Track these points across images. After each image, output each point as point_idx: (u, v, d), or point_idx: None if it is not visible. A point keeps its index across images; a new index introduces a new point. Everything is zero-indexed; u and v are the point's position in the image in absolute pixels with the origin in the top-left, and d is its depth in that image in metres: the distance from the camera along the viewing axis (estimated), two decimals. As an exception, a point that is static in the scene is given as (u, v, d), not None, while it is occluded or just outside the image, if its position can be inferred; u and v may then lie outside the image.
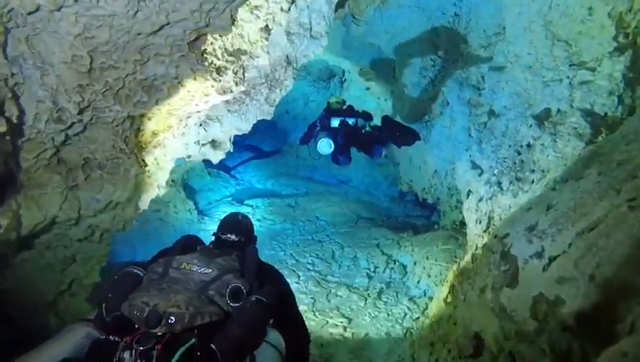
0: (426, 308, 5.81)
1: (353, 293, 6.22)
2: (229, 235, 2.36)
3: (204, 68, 3.64)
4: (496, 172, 5.07)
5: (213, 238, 2.43)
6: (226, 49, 4.05)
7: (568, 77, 4.49)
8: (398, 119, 7.56)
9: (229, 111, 5.38)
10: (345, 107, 5.51)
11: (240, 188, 12.17)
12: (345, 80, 10.34)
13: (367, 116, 5.46)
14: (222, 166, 13.39)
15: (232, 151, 5.99)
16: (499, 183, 4.99)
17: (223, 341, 1.62)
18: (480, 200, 5.07)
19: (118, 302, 1.73)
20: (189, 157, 5.51)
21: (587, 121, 4.23)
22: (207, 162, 12.79)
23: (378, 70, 8.25)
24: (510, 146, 5.22)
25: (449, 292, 4.31)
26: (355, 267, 7.05)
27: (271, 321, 1.89)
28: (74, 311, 4.53)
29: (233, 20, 3.37)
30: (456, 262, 6.17)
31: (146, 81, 3.52)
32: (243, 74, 4.33)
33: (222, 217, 2.59)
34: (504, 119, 5.61)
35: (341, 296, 6.15)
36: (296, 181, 12.28)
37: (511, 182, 4.85)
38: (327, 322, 5.59)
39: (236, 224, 2.44)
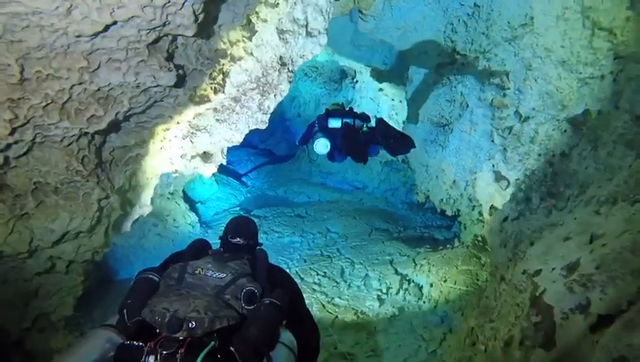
0: (444, 338, 5.13)
1: (362, 320, 5.57)
2: (237, 239, 2.38)
3: (170, 74, 3.06)
4: (524, 186, 4.36)
5: (219, 242, 2.45)
6: (199, 51, 3.47)
7: (612, 72, 3.76)
8: (418, 125, 6.92)
9: (217, 120, 4.80)
10: (346, 109, 5.30)
11: (250, 197, 11.63)
12: (357, 81, 9.69)
13: (364, 118, 5.17)
14: (232, 173, 12.93)
15: (224, 163, 5.44)
16: (527, 199, 4.28)
17: (241, 343, 1.69)
18: (505, 219, 4.37)
19: (138, 307, 1.78)
20: (175, 172, 4.97)
21: (638, 125, 3.49)
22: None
23: (391, 69, 7.59)
24: (540, 155, 4.51)
25: (467, 335, 3.64)
26: (365, 287, 6.39)
27: (284, 322, 1.96)
28: (43, 349, 4.04)
29: (197, 18, 2.79)
30: (477, 285, 5.47)
31: (99, 92, 2.97)
32: (223, 79, 3.76)
33: (228, 222, 2.58)
34: (533, 123, 4.89)
35: (347, 324, 5.51)
36: (308, 188, 11.66)
37: (542, 199, 4.14)
38: (329, 356, 4.97)
39: (243, 228, 2.47)
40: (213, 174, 11.17)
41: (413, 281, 6.26)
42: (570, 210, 3.74)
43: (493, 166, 5.14)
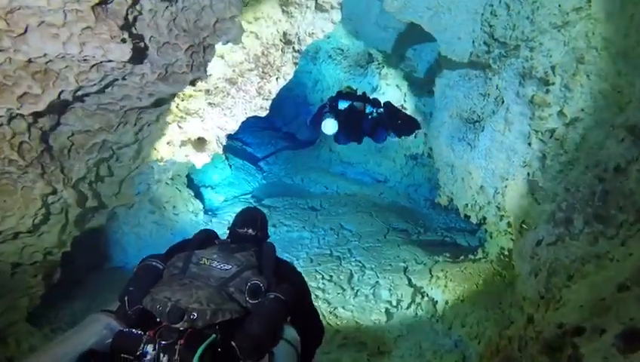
0: (456, 368, 4.47)
1: (365, 337, 4.95)
2: (246, 230, 2.31)
3: (123, 47, 2.45)
4: (565, 204, 3.59)
5: (227, 232, 2.39)
6: (173, 20, 2.84)
7: (693, 72, 2.95)
8: (444, 117, 6.16)
9: (209, 104, 4.21)
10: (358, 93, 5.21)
11: (265, 183, 11.09)
12: (383, 66, 8.90)
13: (375, 103, 5.06)
14: (249, 156, 12.42)
15: (221, 153, 4.85)
16: (568, 220, 3.52)
17: (243, 338, 1.66)
18: (539, 242, 3.63)
19: (139, 295, 1.75)
20: (161, 160, 4.42)
21: None
22: (230, 151, 11.90)
23: (419, 55, 6.80)
24: (588, 167, 3.71)
25: (482, 387, 2.97)
26: (373, 298, 5.76)
27: (288, 318, 1.89)
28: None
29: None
30: (499, 310, 4.74)
31: (33, 64, 2.39)
32: (204, 56, 3.12)
33: (236, 213, 2.54)
34: (580, 127, 4.09)
35: (348, 341, 4.91)
36: (327, 177, 11.01)
37: (587, 222, 3.37)
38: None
39: (252, 219, 2.40)
40: (227, 157, 10.74)
41: (427, 295, 5.58)
42: (623, 242, 2.98)
43: (529, 175, 4.38)
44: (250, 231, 2.30)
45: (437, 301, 5.43)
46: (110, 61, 2.52)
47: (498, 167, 5.10)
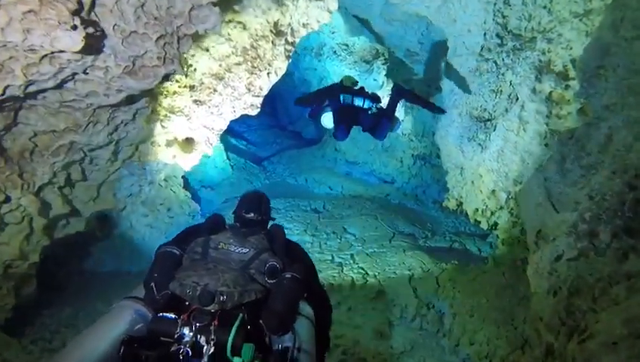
0: (465, 391, 4.09)
1: (365, 354, 4.59)
2: (251, 215, 2.34)
3: (73, 35, 2.10)
4: (588, 214, 3.19)
5: (233, 216, 2.40)
6: (142, 6, 2.49)
7: None
8: (452, 116, 5.78)
9: (195, 101, 3.86)
10: (357, 87, 5.06)
11: (268, 183, 10.77)
12: (389, 62, 8.48)
13: (375, 98, 5.01)
14: (252, 155, 12.12)
15: (210, 154, 4.51)
16: (593, 233, 3.12)
17: (269, 316, 1.78)
18: (558, 257, 3.23)
19: (165, 281, 1.82)
20: (145, 162, 4.08)
21: None
22: (232, 150, 11.58)
23: (426, 50, 6.39)
24: (615, 173, 3.31)
25: None
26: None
27: (304, 295, 2.01)
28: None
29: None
30: (511, 327, 4.35)
31: (-31, 54, 2.06)
32: (178, 48, 2.77)
33: (241, 197, 2.55)
34: (604, 127, 3.69)
35: (347, 357, 4.55)
36: (332, 178, 10.66)
37: (615, 235, 2.97)
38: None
39: (257, 203, 2.44)
40: (228, 157, 10.43)
41: (433, 307, 5.20)
42: (660, 260, 2.58)
43: (546, 180, 3.97)
44: (256, 214, 2.35)
45: (444, 313, 5.05)
46: (62, 51, 2.17)
47: (511, 169, 4.71)
